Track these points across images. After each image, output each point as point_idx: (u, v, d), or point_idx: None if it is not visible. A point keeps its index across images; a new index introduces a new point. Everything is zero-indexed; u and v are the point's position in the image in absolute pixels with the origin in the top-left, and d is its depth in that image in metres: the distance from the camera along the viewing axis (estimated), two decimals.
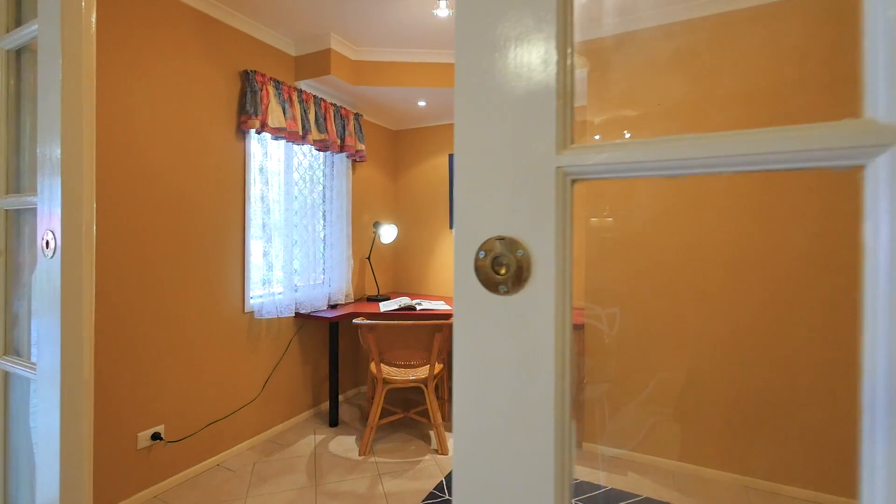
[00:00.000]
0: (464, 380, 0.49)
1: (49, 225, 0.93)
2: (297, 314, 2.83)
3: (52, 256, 0.93)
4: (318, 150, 2.95)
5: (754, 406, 2.16)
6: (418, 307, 3.01)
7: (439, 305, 3.11)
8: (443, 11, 2.35)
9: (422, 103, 3.25)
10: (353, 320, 2.48)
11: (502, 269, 0.45)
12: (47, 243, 0.93)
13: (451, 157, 3.66)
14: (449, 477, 2.25)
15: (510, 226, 0.45)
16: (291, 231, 2.78)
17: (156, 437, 2.07)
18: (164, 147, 2.12)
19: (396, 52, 2.88)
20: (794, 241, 2.11)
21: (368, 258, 3.49)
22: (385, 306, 3.07)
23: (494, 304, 0.46)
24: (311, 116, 2.83)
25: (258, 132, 2.49)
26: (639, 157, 0.40)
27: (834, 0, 2.02)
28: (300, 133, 2.72)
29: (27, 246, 1.15)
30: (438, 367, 2.71)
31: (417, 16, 2.45)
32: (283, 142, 2.75)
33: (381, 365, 2.57)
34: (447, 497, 2.08)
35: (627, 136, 2.44)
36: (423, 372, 2.62)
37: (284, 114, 2.61)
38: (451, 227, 3.67)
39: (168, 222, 2.14)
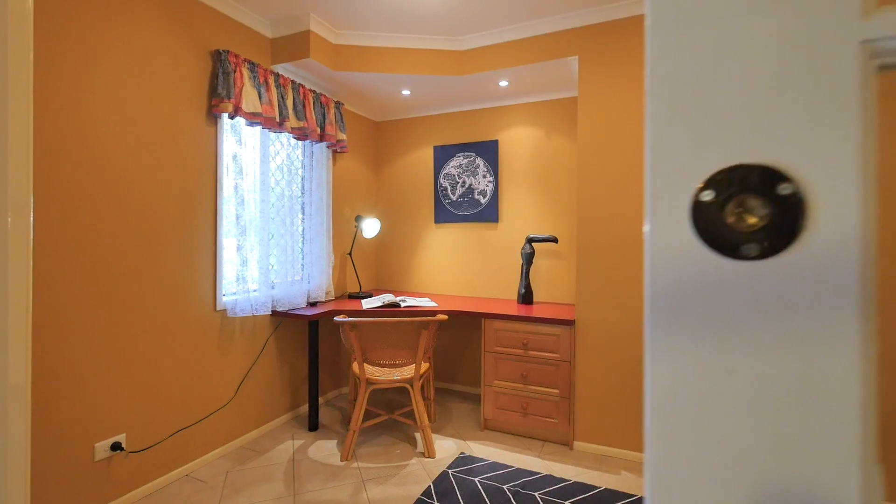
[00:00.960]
0: (669, 412, 0.29)
1: None
2: (275, 312, 2.67)
3: None
4: (297, 138, 2.79)
5: None
6: (403, 304, 2.89)
7: (425, 302, 2.99)
8: None
9: (406, 92, 3.12)
10: (335, 318, 2.34)
11: (749, 217, 0.28)
12: None
13: (435, 149, 3.54)
14: (437, 481, 2.14)
15: (763, 145, 0.27)
16: (268, 224, 2.61)
17: (116, 447, 1.89)
18: (124, 130, 1.93)
19: (380, 35, 2.74)
20: None
21: (350, 254, 3.34)
22: (368, 303, 2.94)
23: (733, 278, 0.28)
24: (290, 102, 2.67)
25: (231, 117, 2.32)
26: None
27: None
28: (277, 120, 2.56)
29: None
30: (424, 366, 2.59)
31: None
32: (258, 129, 2.58)
33: (364, 365, 2.44)
34: (435, 503, 1.97)
35: None
36: (408, 371, 2.50)
37: (260, 98, 2.45)
38: (436, 221, 3.55)
39: (129, 214, 1.95)
